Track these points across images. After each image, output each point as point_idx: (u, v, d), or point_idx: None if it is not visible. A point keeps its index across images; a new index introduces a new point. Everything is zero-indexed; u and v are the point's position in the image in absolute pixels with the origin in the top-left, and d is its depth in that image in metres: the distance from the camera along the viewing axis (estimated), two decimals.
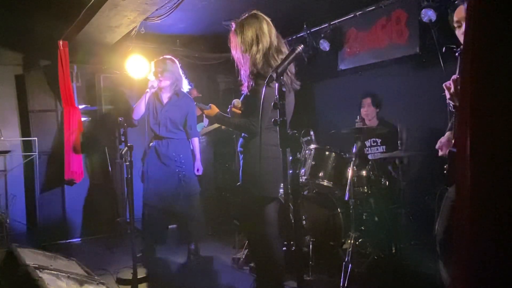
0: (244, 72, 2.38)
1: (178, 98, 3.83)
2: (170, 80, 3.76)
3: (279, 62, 2.23)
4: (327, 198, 3.82)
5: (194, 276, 3.61)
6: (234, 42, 2.40)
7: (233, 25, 2.41)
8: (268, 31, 2.33)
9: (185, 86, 3.94)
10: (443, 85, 1.85)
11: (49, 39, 4.57)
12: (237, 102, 2.48)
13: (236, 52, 2.41)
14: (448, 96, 1.84)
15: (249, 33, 2.32)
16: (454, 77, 1.82)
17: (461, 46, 1.85)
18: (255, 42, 2.31)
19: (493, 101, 0.99)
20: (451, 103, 1.86)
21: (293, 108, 2.48)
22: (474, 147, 1.01)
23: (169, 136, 3.78)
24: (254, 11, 2.40)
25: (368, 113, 4.17)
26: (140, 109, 3.72)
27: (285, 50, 2.37)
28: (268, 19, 2.39)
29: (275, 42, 2.34)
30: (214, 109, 2.53)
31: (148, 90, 3.62)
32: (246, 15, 2.40)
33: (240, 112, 2.46)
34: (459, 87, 1.75)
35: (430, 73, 4.01)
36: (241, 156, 2.47)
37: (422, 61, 4.09)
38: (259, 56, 2.30)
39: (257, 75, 2.30)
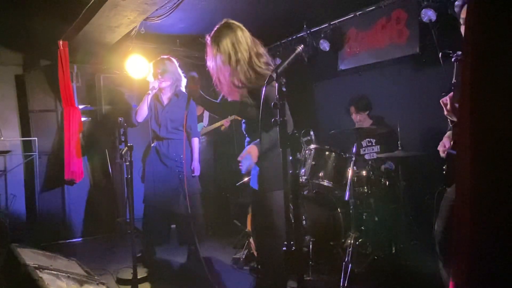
0: (224, 79, 2.35)
1: (178, 99, 3.83)
2: (170, 81, 3.76)
3: (263, 66, 2.26)
4: (327, 198, 3.82)
5: (194, 276, 3.61)
6: (210, 55, 2.37)
7: (208, 39, 2.38)
8: (244, 38, 2.31)
9: (184, 86, 3.94)
10: (440, 101, 1.88)
11: (49, 39, 4.58)
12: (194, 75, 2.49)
13: (212, 62, 2.37)
14: (445, 112, 1.86)
15: (226, 45, 2.29)
16: (450, 94, 1.83)
17: (457, 52, 1.86)
18: (233, 53, 2.28)
19: (493, 103, 1.00)
20: (449, 119, 1.88)
21: (289, 110, 2.47)
22: (474, 148, 1.01)
23: (170, 136, 3.79)
24: (226, 21, 2.37)
25: (358, 119, 4.26)
26: (143, 111, 3.73)
27: (262, 51, 2.34)
28: (241, 25, 2.36)
29: (254, 48, 2.32)
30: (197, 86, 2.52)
31: (150, 92, 3.63)
32: (218, 26, 2.36)
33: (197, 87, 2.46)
34: (455, 104, 1.77)
35: (430, 73, 4.01)
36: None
37: (422, 61, 4.09)
38: (245, 68, 2.27)
39: (251, 91, 2.28)
